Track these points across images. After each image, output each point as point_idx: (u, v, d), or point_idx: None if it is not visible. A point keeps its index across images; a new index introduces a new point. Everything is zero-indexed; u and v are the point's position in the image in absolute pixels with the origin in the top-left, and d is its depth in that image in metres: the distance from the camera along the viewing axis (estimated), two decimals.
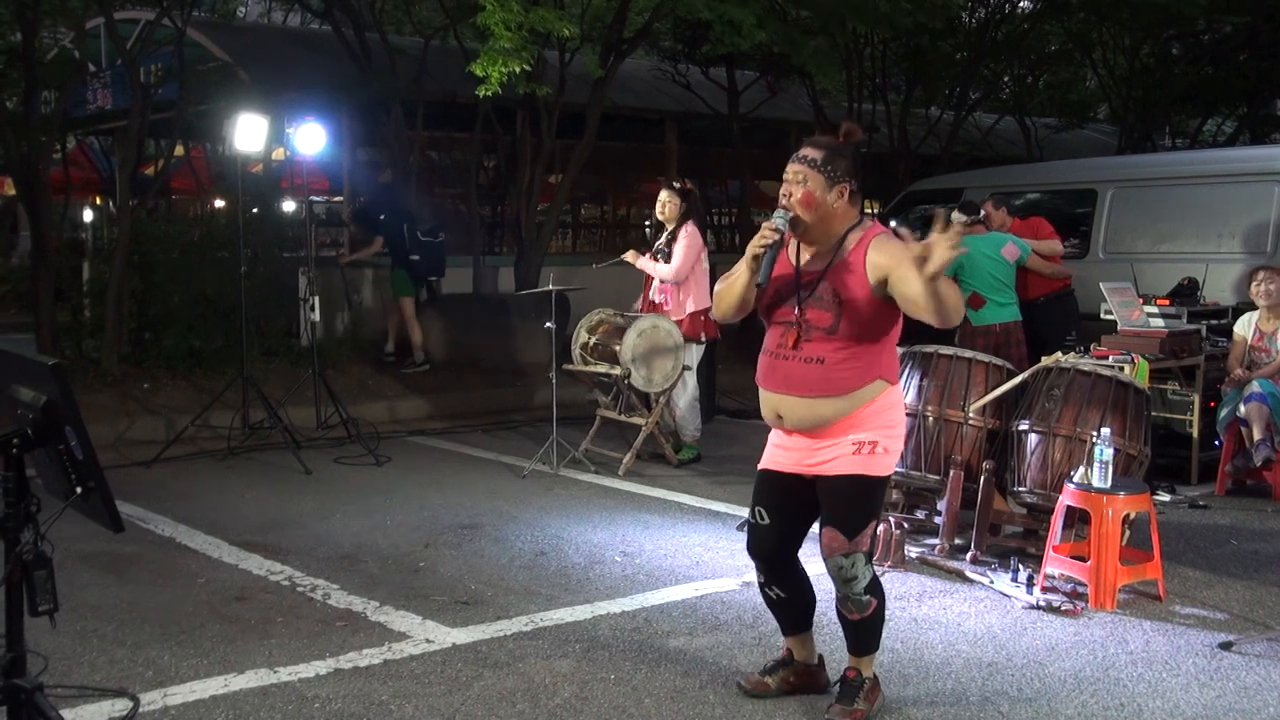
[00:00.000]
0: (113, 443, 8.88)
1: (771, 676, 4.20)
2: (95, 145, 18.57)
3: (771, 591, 4.09)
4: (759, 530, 4.04)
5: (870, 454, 3.80)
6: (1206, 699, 4.31)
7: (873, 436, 3.80)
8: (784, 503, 3.99)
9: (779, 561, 4.05)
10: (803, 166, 3.80)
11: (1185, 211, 9.85)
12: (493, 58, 9.63)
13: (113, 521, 2.82)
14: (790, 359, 3.82)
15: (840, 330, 3.75)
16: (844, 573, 3.86)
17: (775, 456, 3.98)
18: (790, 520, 4.01)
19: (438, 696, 4.26)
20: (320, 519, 6.90)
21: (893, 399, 3.88)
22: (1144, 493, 5.52)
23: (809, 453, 3.87)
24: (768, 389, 3.91)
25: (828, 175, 3.77)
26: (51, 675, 4.25)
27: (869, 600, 3.91)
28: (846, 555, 3.83)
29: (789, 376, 3.83)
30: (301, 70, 13.70)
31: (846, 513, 3.83)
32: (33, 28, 10.64)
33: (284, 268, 11.92)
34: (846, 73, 15.81)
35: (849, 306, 3.73)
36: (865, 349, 3.78)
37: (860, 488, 3.82)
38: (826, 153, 3.80)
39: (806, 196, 3.76)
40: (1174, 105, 19.10)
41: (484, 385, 11.26)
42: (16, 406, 2.92)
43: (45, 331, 10.45)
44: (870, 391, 3.80)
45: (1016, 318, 8.34)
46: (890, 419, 3.86)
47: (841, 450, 3.80)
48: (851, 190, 3.81)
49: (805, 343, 3.79)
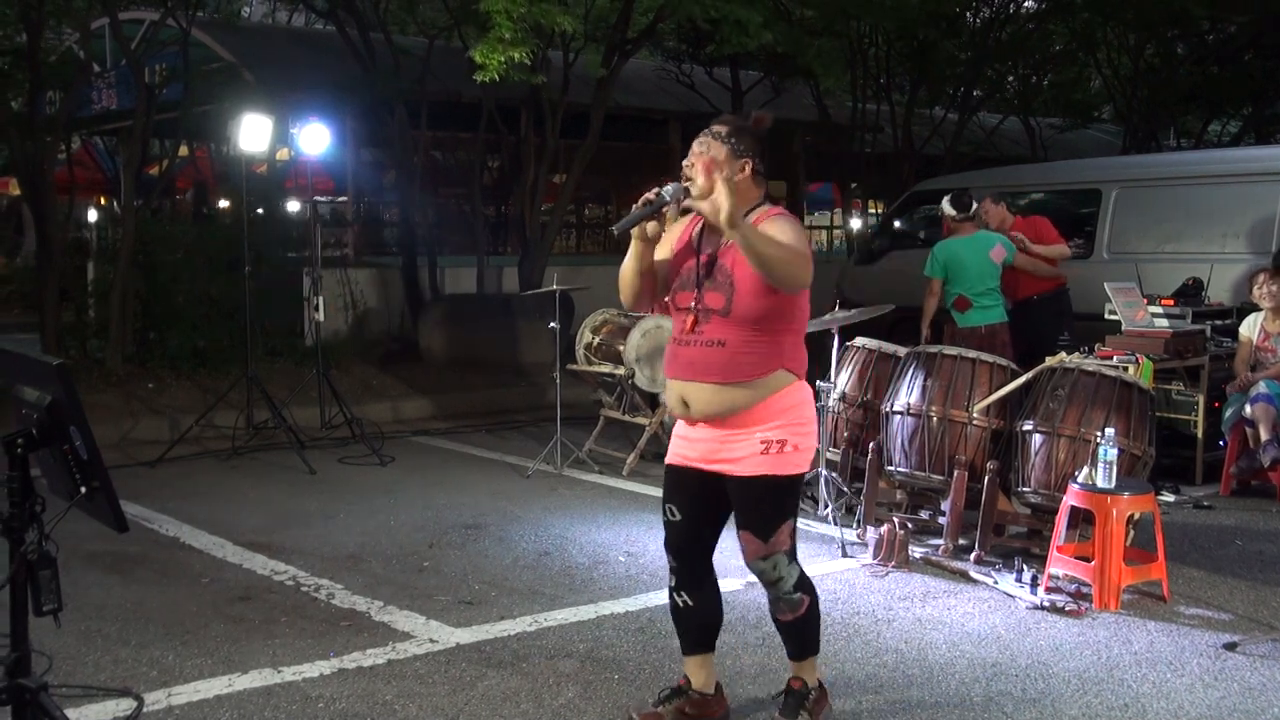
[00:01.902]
0: (117, 443, 8.90)
1: (665, 706, 3.97)
2: (100, 145, 18.58)
3: (680, 598, 3.92)
4: (673, 526, 3.90)
5: (779, 453, 3.68)
6: (1211, 700, 4.30)
7: (781, 435, 3.68)
8: (694, 498, 3.85)
9: (693, 559, 3.91)
10: (707, 138, 3.70)
11: (1190, 212, 9.84)
12: (492, 45, 9.62)
13: (117, 521, 2.82)
14: (692, 344, 3.70)
15: (734, 311, 3.63)
16: (766, 575, 3.76)
17: (681, 449, 3.84)
18: (703, 515, 3.87)
19: (441, 696, 4.26)
20: (324, 519, 6.91)
21: (802, 394, 3.77)
22: (1148, 493, 5.52)
23: (716, 445, 3.73)
24: (672, 376, 3.79)
25: (732, 148, 3.66)
26: (56, 675, 4.26)
27: (800, 598, 3.80)
28: (765, 558, 3.73)
29: (692, 361, 3.70)
30: (306, 70, 13.72)
31: (758, 515, 3.72)
32: (38, 28, 10.66)
33: (288, 268, 11.94)
34: (851, 73, 15.82)
35: (740, 285, 3.62)
36: (765, 334, 3.66)
37: (770, 488, 3.70)
38: (733, 127, 3.71)
39: (708, 162, 3.64)
40: (1179, 105, 19.09)
41: (488, 385, 11.26)
42: (21, 406, 2.92)
43: (50, 331, 10.46)
44: (775, 381, 3.69)
45: (1003, 319, 8.19)
46: (800, 415, 3.74)
47: (750, 449, 3.68)
48: (755, 169, 3.70)
49: (705, 325, 3.67)
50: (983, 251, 8.14)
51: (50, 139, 11.12)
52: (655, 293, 3.87)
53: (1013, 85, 19.38)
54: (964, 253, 8.12)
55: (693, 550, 3.91)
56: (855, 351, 7.16)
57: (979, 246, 8.16)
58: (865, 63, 16.11)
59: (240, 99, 11.46)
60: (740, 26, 11.22)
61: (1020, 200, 11.56)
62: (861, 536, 6.41)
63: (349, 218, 15.86)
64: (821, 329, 6.95)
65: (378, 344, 12.59)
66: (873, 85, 16.68)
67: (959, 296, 8.13)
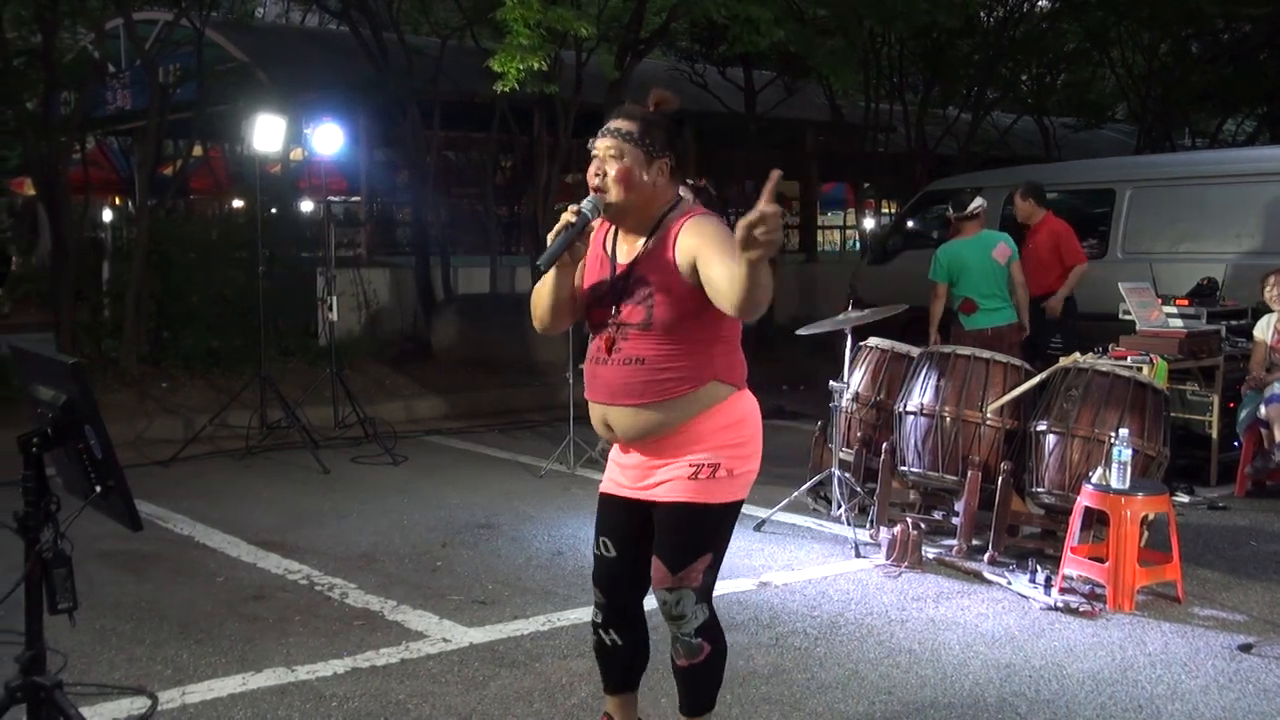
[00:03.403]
0: (131, 442, 8.92)
1: None
2: (114, 145, 18.65)
3: (607, 636, 3.55)
4: (604, 563, 3.53)
5: (709, 478, 3.25)
6: (1226, 701, 4.29)
7: (713, 458, 3.25)
8: (628, 532, 3.45)
9: (623, 600, 3.54)
10: (616, 140, 3.21)
11: (1204, 211, 9.81)
12: (510, 54, 9.65)
13: (131, 520, 2.83)
14: (609, 363, 3.30)
15: (655, 324, 3.21)
16: (668, 609, 3.34)
17: (613, 476, 3.49)
18: (636, 551, 3.43)
19: (454, 696, 4.27)
20: (338, 518, 6.92)
21: (741, 408, 3.33)
22: (1163, 494, 5.50)
23: (646, 472, 3.35)
24: (591, 399, 3.42)
25: (646, 149, 3.21)
26: (70, 673, 4.27)
27: (699, 644, 3.36)
28: (670, 590, 3.30)
29: (609, 383, 3.31)
30: (319, 71, 13.75)
31: (672, 544, 3.29)
32: (52, 28, 10.70)
33: (302, 268, 11.97)
34: (864, 72, 15.80)
35: (660, 296, 3.20)
36: (692, 346, 3.23)
37: (691, 517, 3.27)
38: (642, 124, 3.23)
39: (623, 173, 3.19)
40: (1193, 104, 19.05)
41: (501, 385, 11.27)
42: (37, 405, 2.93)
43: (65, 331, 10.50)
44: (707, 396, 3.26)
45: (1010, 320, 8.07)
46: (738, 435, 3.30)
47: (677, 472, 3.27)
48: (671, 166, 3.27)
49: (623, 342, 3.25)
50: (986, 251, 8.02)
51: (65, 139, 11.16)
52: (575, 313, 3.49)
53: (1026, 85, 19.34)
54: (966, 254, 8.03)
55: (625, 589, 3.53)
56: (868, 352, 7.15)
57: (982, 246, 8.04)
58: (878, 62, 16.09)
59: (254, 99, 11.49)
60: (751, 24, 11.22)
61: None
62: (875, 537, 6.40)
63: (362, 218, 15.90)
64: (835, 329, 6.95)
65: (391, 344, 12.61)
66: (886, 85, 16.65)
67: (965, 299, 8.03)
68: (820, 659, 4.68)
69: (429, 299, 13.13)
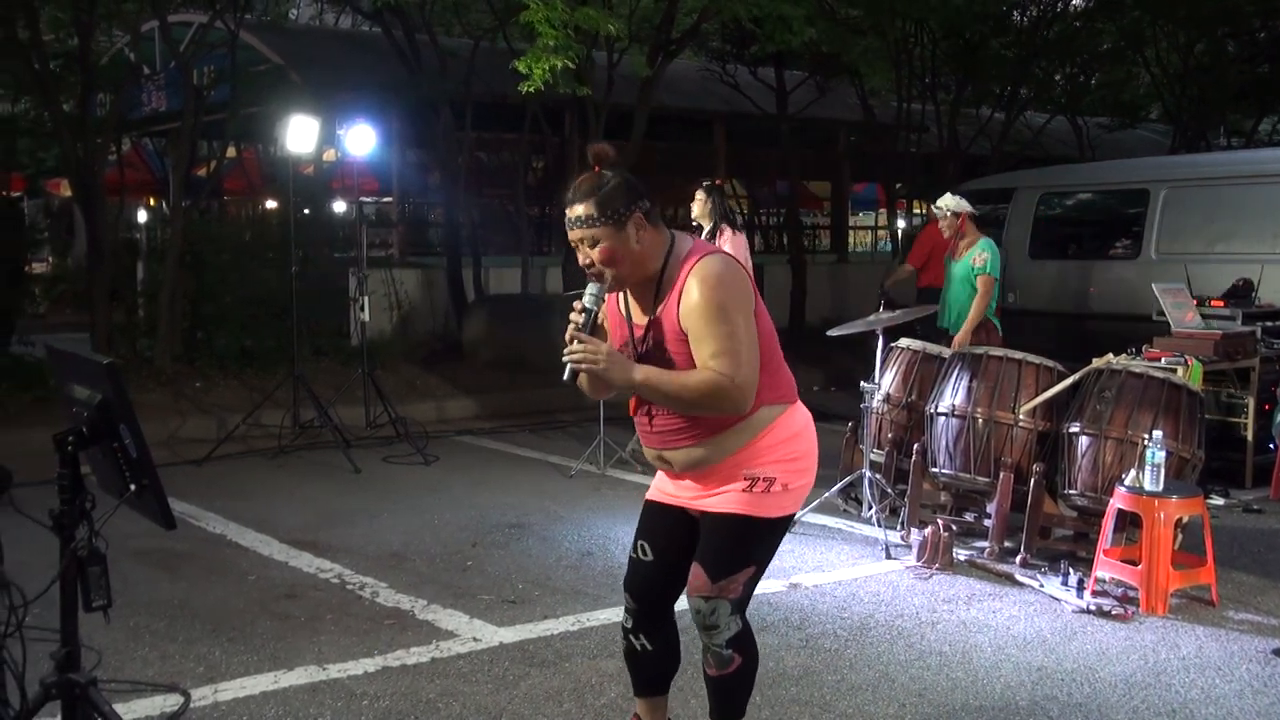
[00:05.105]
0: (165, 441, 8.99)
1: None
2: (150, 147, 18.80)
3: (637, 641, 3.53)
4: (640, 567, 3.50)
5: (764, 492, 3.25)
6: (1260, 706, 4.25)
7: (769, 472, 3.25)
8: (669, 539, 3.44)
9: (655, 606, 3.53)
10: (583, 229, 3.17)
11: (1240, 211, 9.70)
12: (537, 55, 9.66)
13: (165, 519, 2.85)
14: (655, 414, 3.30)
15: None
16: (702, 618, 3.31)
17: (665, 486, 3.46)
18: (676, 560, 3.42)
19: (485, 695, 4.28)
20: (369, 517, 6.95)
21: (794, 424, 3.32)
22: (1197, 496, 5.46)
23: (700, 491, 3.34)
24: (647, 445, 3.42)
25: (614, 221, 3.14)
26: (104, 670, 4.30)
27: (730, 655, 3.34)
28: (706, 599, 3.28)
29: (662, 431, 3.31)
30: (352, 72, 13.81)
31: (716, 552, 3.28)
32: (89, 31, 10.80)
33: (334, 268, 12.03)
34: (896, 72, 15.74)
35: (680, 359, 3.20)
36: None
37: (740, 528, 3.26)
38: (597, 200, 3.15)
39: (606, 255, 3.15)
40: (1229, 104, 18.84)
41: (531, 385, 11.29)
42: (72, 405, 2.96)
43: (100, 331, 10.60)
44: (758, 421, 3.24)
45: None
46: (793, 450, 3.30)
47: (733, 485, 3.26)
48: (644, 212, 3.18)
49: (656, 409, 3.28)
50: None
51: (101, 140, 11.26)
52: None
53: (1060, 84, 19.21)
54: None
55: (659, 595, 3.53)
56: (900, 353, 7.12)
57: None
58: (911, 62, 16.02)
59: (287, 100, 11.56)
60: (783, 22, 11.20)
61: (1067, 200, 11.48)
62: (905, 538, 6.38)
63: (394, 218, 15.96)
64: (866, 330, 6.93)
65: (422, 344, 12.65)
66: (918, 84, 16.57)
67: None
68: (850, 661, 4.66)
69: (460, 299, 13.17)
